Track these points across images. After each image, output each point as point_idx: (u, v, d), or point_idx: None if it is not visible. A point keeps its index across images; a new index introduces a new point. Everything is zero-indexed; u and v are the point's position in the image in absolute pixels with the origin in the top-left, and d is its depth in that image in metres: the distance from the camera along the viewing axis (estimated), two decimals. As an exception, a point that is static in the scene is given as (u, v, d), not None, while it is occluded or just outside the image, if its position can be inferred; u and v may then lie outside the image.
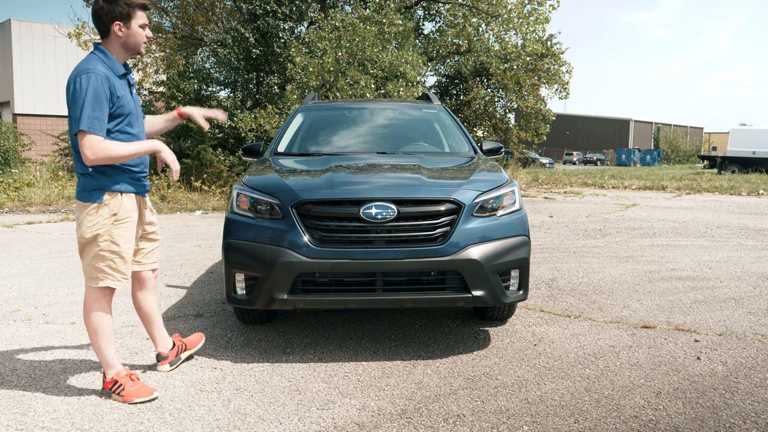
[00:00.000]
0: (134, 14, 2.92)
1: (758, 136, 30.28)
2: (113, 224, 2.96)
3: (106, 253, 2.96)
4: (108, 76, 2.86)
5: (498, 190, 3.72)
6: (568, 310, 4.69)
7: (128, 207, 3.01)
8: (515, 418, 2.86)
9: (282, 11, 15.06)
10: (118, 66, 2.96)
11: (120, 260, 2.99)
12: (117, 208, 2.97)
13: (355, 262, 3.37)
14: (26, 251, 7.26)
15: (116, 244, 2.97)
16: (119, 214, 2.97)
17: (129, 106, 2.98)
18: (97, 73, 2.82)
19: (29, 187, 13.66)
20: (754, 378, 3.32)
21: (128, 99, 2.99)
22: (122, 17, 2.90)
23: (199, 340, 3.66)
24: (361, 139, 5.12)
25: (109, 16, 2.90)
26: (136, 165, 3.06)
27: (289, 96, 13.53)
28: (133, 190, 3.05)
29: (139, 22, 2.95)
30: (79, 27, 16.41)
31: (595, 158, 59.01)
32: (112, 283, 3.00)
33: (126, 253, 3.01)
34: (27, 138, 18.34)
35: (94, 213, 2.94)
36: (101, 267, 2.97)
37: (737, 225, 9.89)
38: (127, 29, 2.93)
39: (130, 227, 3.02)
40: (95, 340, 3.04)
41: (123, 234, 2.99)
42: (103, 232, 2.94)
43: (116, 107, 2.90)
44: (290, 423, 2.82)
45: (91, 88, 2.79)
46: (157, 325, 3.41)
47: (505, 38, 19.30)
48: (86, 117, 2.77)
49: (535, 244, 7.81)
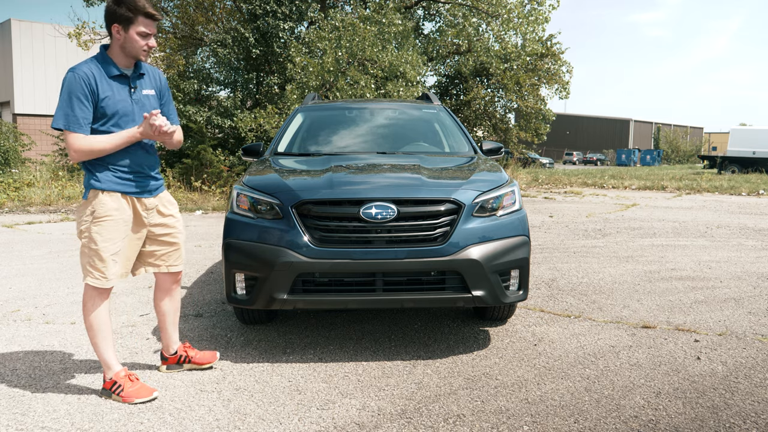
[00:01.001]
0: (135, 21, 2.90)
1: (758, 136, 30.27)
2: (92, 222, 2.96)
3: (86, 250, 2.99)
4: (92, 75, 2.88)
5: (498, 190, 3.72)
6: (568, 310, 4.69)
7: (109, 206, 2.96)
8: (515, 418, 2.86)
9: (282, 11, 15.07)
10: (112, 68, 2.95)
11: (98, 259, 2.96)
12: (96, 205, 2.96)
13: (355, 262, 3.37)
14: (26, 251, 7.26)
15: (94, 242, 2.95)
16: (97, 212, 2.95)
17: (117, 107, 2.94)
18: (77, 72, 2.87)
19: (29, 187, 13.66)
20: (754, 378, 3.32)
21: (118, 100, 2.95)
22: (122, 21, 2.90)
23: (211, 359, 3.48)
24: (361, 139, 5.12)
25: (111, 17, 2.92)
26: (122, 164, 3.00)
27: (289, 96, 13.53)
28: (118, 189, 2.99)
29: (138, 30, 2.91)
30: (79, 27, 16.42)
31: (595, 158, 59.02)
32: (91, 281, 2.98)
33: (104, 251, 2.95)
34: (27, 138, 18.33)
35: (81, 209, 3.02)
36: (84, 264, 3.01)
37: (737, 225, 9.89)
38: (124, 33, 2.92)
39: (110, 226, 2.96)
40: (92, 337, 3.06)
41: (101, 232, 2.95)
42: (84, 229, 2.99)
43: (99, 107, 2.90)
44: (290, 423, 2.82)
45: (66, 87, 2.85)
46: (165, 327, 3.39)
47: (505, 38, 19.30)
48: (62, 114, 2.85)
49: (535, 244, 7.81)
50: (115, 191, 2.99)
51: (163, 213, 3.22)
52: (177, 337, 3.44)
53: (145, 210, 3.12)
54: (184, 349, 3.46)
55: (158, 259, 3.24)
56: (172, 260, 3.28)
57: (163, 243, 3.23)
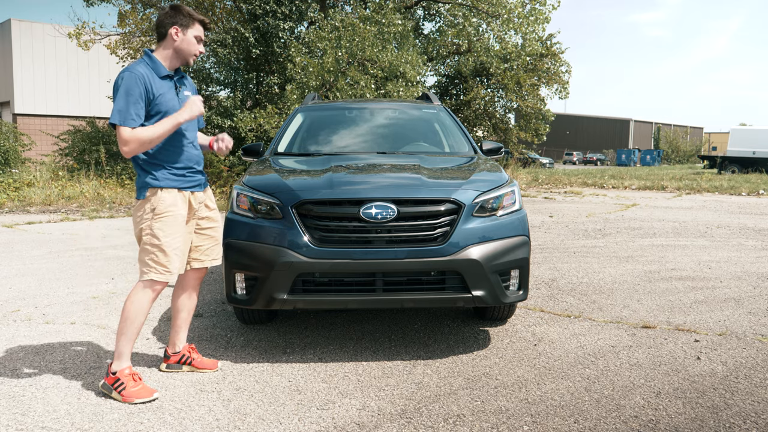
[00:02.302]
0: (192, 25, 3.17)
1: (758, 136, 30.28)
2: (153, 219, 3.10)
3: (149, 247, 3.10)
4: (146, 75, 3.04)
5: (498, 190, 3.72)
6: (568, 310, 4.69)
7: (167, 202, 3.11)
8: (515, 418, 2.86)
9: (282, 11, 15.07)
10: (161, 68, 3.13)
11: (161, 254, 3.09)
12: (156, 203, 3.10)
13: (355, 262, 3.37)
14: (26, 251, 7.26)
15: (156, 237, 3.08)
16: (158, 208, 3.10)
17: (169, 105, 3.11)
18: (132, 71, 3.03)
19: (29, 187, 13.65)
20: (754, 378, 3.32)
21: (168, 98, 3.12)
22: (182, 24, 3.15)
23: (211, 367, 3.48)
24: (361, 139, 5.12)
25: (170, 20, 3.14)
26: (175, 161, 3.17)
27: (289, 96, 13.53)
28: (174, 185, 3.15)
29: (195, 33, 3.18)
30: (79, 27, 16.42)
31: (595, 158, 59.01)
32: (155, 275, 3.11)
33: (167, 246, 3.10)
34: (27, 138, 18.30)
35: (140, 209, 3.14)
36: (146, 260, 3.12)
37: (737, 225, 9.89)
38: (183, 35, 3.15)
39: (170, 222, 3.11)
40: (122, 327, 3.11)
41: (163, 228, 3.09)
42: (145, 226, 3.11)
43: (153, 105, 3.06)
44: (290, 423, 2.82)
45: (124, 85, 3.00)
46: (177, 324, 3.46)
47: (505, 38, 19.29)
48: (116, 111, 2.98)
49: (535, 244, 7.81)
50: (173, 188, 3.14)
51: (210, 207, 3.43)
52: (185, 336, 3.49)
53: (198, 204, 3.30)
54: (189, 350, 3.47)
55: (203, 254, 3.39)
56: (214, 254, 3.45)
57: (208, 237, 3.41)
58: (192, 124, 3.29)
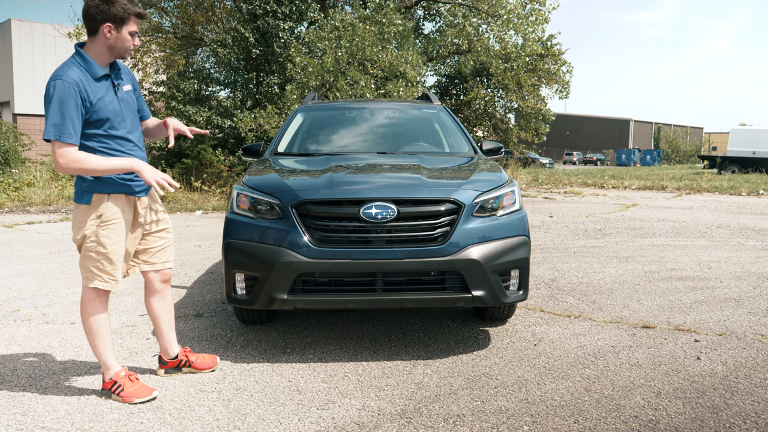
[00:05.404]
0: (128, 21, 2.88)
1: (758, 136, 30.27)
2: (99, 226, 2.95)
3: (94, 255, 2.96)
4: (80, 81, 2.80)
5: (498, 190, 3.72)
6: (568, 310, 4.69)
7: (115, 209, 2.97)
8: (515, 418, 2.86)
9: (282, 11, 15.07)
10: (96, 69, 2.89)
11: (107, 262, 2.96)
12: (104, 210, 2.95)
13: (355, 262, 3.37)
14: (26, 251, 7.26)
15: (103, 246, 2.95)
16: (105, 215, 2.95)
17: (109, 109, 2.91)
18: (64, 79, 2.77)
19: (29, 187, 13.66)
20: (754, 378, 3.32)
21: (108, 101, 2.91)
22: (115, 20, 2.85)
23: (211, 365, 3.46)
24: (361, 139, 5.12)
25: (102, 16, 2.84)
26: None
27: (289, 96, 13.53)
28: (122, 191, 2.99)
29: (130, 29, 2.90)
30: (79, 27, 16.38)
31: (595, 158, 59.02)
32: (100, 284, 2.98)
33: (113, 254, 2.97)
34: (27, 138, 18.32)
35: (82, 214, 2.96)
36: (90, 268, 2.98)
37: (737, 225, 9.89)
38: (116, 33, 2.87)
39: (117, 229, 2.97)
40: (91, 340, 3.05)
41: (109, 236, 2.95)
42: (90, 233, 2.95)
43: (91, 113, 2.85)
44: (290, 423, 2.82)
45: (57, 96, 2.75)
46: (161, 330, 3.34)
47: (505, 38, 19.29)
48: (51, 125, 2.75)
49: (535, 244, 7.81)
50: (120, 193, 2.99)
51: (156, 209, 3.25)
52: (175, 339, 3.40)
53: (143, 208, 3.14)
54: (185, 354, 3.42)
55: (153, 257, 3.23)
56: (164, 257, 3.28)
57: (158, 239, 3.25)
58: (135, 124, 3.09)
